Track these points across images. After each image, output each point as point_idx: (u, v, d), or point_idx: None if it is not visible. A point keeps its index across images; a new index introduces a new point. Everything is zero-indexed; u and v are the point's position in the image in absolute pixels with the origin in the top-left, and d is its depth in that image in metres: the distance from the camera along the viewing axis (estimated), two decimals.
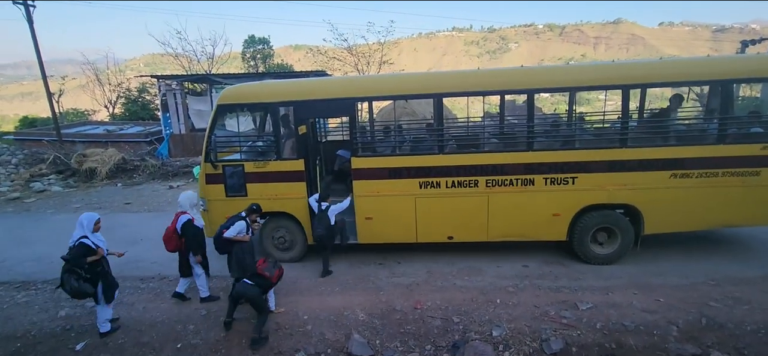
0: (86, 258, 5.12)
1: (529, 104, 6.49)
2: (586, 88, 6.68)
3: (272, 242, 7.32)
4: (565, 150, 6.51)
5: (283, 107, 6.91)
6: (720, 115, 6.20)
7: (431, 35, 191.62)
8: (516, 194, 6.58)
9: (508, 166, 6.51)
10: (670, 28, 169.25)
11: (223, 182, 6.95)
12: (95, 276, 5.25)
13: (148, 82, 28.40)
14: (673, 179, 6.29)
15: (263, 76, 20.32)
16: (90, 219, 5.28)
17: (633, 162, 6.30)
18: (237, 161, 6.97)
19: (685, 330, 4.95)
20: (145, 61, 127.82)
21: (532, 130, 6.52)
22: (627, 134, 6.36)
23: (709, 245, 7.32)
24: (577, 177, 6.45)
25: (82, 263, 5.10)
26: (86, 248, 5.14)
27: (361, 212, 6.91)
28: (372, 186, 6.79)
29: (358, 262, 7.34)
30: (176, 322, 5.74)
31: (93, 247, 5.20)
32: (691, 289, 5.88)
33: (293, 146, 6.94)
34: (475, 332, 5.14)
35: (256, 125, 8.27)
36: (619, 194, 6.45)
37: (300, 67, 33.02)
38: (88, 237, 5.22)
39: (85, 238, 5.18)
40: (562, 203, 6.57)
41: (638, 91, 6.49)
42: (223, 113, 7.17)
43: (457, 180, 6.63)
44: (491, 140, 6.93)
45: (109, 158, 15.81)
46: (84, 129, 22.30)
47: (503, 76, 6.70)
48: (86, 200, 13.07)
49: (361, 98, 7.01)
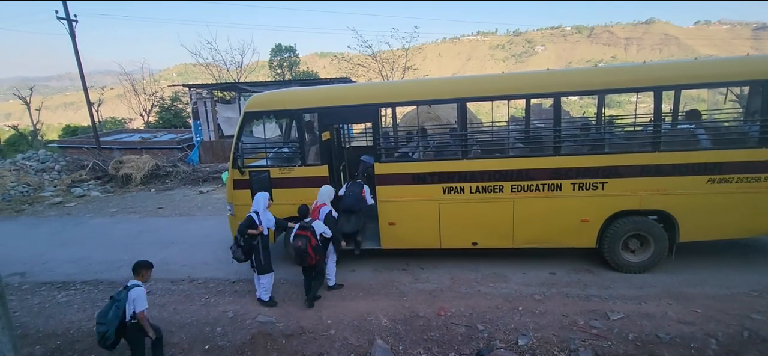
0: (248, 230, 5.78)
1: (556, 108, 6.36)
2: (615, 90, 6.48)
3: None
4: (594, 154, 6.33)
5: (308, 113, 7.02)
6: (762, 117, 5.89)
7: (455, 40, 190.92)
8: (543, 199, 6.44)
9: (534, 171, 6.38)
10: (706, 27, 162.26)
11: (250, 188, 7.08)
12: (250, 249, 5.89)
13: (180, 91, 29.48)
14: (710, 185, 6.01)
15: (289, 83, 20.73)
16: (264, 198, 6.13)
17: (667, 167, 6.06)
18: (263, 166, 7.11)
19: (725, 343, 4.71)
20: (177, 71, 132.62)
21: (559, 134, 6.39)
22: (660, 137, 6.13)
23: (750, 254, 6.95)
24: (607, 182, 6.24)
25: (244, 233, 5.79)
26: (250, 221, 5.86)
27: (385, 218, 6.92)
28: (395, 191, 6.79)
29: (381, 267, 7.34)
30: (205, 324, 5.89)
31: (256, 222, 5.84)
32: (732, 300, 5.58)
33: (317, 151, 7.02)
34: (501, 340, 5.04)
35: (282, 131, 8.41)
36: (652, 199, 6.21)
37: (325, 75, 33.52)
38: (258, 213, 5.93)
39: (255, 213, 5.92)
40: (591, 209, 6.38)
41: (672, 93, 6.23)
42: (250, 120, 7.34)
43: (481, 185, 6.54)
44: (517, 144, 6.82)
45: (143, 165, 16.49)
46: (121, 137, 23.34)
47: (528, 80, 6.60)
48: (122, 204, 13.65)
49: (384, 103, 7.04)
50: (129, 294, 4.61)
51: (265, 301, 6.27)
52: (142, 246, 9.22)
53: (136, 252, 8.65)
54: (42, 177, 17.01)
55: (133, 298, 4.58)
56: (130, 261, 5.10)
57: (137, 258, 5.04)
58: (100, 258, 8.67)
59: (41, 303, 6.90)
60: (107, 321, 4.56)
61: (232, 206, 7.30)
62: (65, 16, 18.60)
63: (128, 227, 10.98)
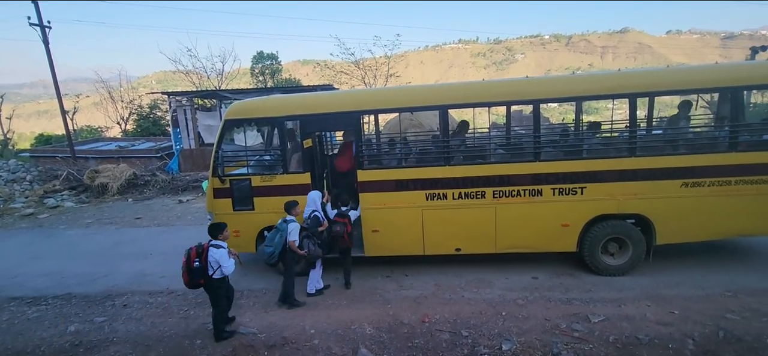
0: (319, 228, 6.33)
1: (536, 114, 6.48)
2: (592, 97, 6.64)
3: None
4: (573, 160, 6.45)
5: (290, 120, 6.98)
6: (731, 122, 6.11)
7: (438, 48, 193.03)
8: (524, 204, 6.53)
9: (515, 177, 6.47)
10: (678, 36, 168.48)
11: (231, 196, 6.99)
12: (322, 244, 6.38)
13: (159, 99, 28.88)
14: (684, 188, 6.20)
15: (271, 91, 20.51)
16: (318, 195, 6.59)
17: (643, 171, 6.23)
18: (244, 175, 7.01)
19: (701, 343, 4.81)
20: (156, 79, 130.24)
21: (539, 140, 6.49)
22: (635, 142, 6.31)
23: (724, 256, 7.16)
24: (585, 187, 6.38)
25: (315, 232, 6.28)
26: (317, 220, 6.36)
27: (368, 225, 6.89)
28: (378, 199, 6.79)
29: (365, 275, 7.29)
30: (184, 338, 5.73)
31: (321, 219, 6.41)
32: (707, 301, 5.74)
33: (300, 159, 6.97)
34: (485, 346, 5.05)
35: (264, 139, 8.32)
36: (630, 204, 6.36)
37: (308, 82, 33.28)
38: (318, 211, 6.42)
39: (317, 211, 6.40)
40: (571, 214, 6.50)
41: (646, 99, 6.41)
42: (231, 128, 7.26)
43: (464, 192, 6.60)
44: (498, 150, 6.90)
45: (120, 174, 16.07)
46: (97, 145, 22.70)
47: (509, 87, 6.71)
48: (98, 215, 13.26)
49: (366, 110, 7.05)
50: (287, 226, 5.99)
51: (312, 293, 6.64)
52: (118, 258, 8.96)
53: (112, 264, 8.43)
54: (12, 188, 16.41)
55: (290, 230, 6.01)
56: (107, 274, 4.98)
57: (113, 271, 4.92)
58: (75, 271, 8.35)
59: (10, 320, 6.62)
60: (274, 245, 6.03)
61: (212, 215, 7.16)
62: (38, 22, 18.07)
63: (104, 239, 10.66)
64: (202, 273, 5.20)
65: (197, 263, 5.14)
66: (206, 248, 5.19)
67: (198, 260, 5.16)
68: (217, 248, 5.20)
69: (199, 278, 5.22)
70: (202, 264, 5.17)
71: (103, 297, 7.14)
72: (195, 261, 5.15)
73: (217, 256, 5.18)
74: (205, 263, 5.17)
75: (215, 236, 5.32)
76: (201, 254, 5.18)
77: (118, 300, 7.00)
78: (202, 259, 5.17)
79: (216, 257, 5.18)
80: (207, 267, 5.18)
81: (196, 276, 5.19)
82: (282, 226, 6.05)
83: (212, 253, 5.17)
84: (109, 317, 6.48)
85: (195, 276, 5.19)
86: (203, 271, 5.19)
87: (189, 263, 5.15)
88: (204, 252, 5.17)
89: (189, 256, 5.16)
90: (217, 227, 5.42)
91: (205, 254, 5.17)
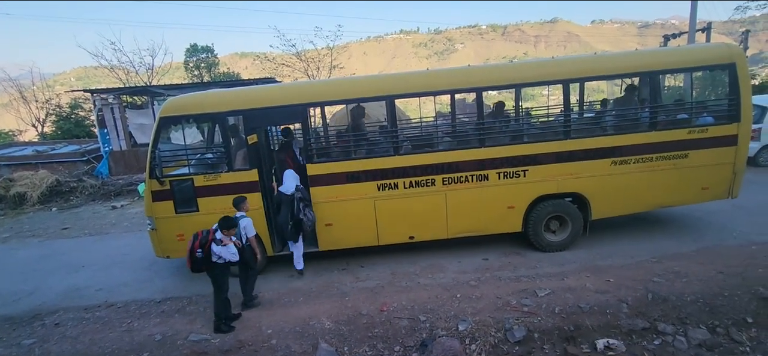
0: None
1: (479, 102, 6.70)
2: (529, 84, 6.93)
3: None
4: (514, 144, 6.74)
5: (232, 116, 6.68)
6: (650, 104, 6.66)
7: (380, 38, 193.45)
8: (472, 190, 6.74)
9: (462, 163, 6.65)
10: (601, 26, 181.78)
11: (172, 198, 6.59)
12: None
13: (80, 98, 26.36)
14: (613, 166, 6.70)
15: (209, 85, 19.47)
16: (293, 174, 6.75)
17: (578, 152, 6.64)
18: (185, 175, 6.64)
19: (634, 306, 5.26)
20: (76, 75, 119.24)
21: (483, 127, 6.71)
22: (570, 126, 6.70)
23: (650, 226, 7.82)
24: (527, 170, 6.70)
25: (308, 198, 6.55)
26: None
27: (321, 219, 6.80)
28: (330, 192, 6.72)
29: (321, 269, 7.21)
30: (129, 351, 5.36)
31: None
32: (637, 267, 6.26)
33: (245, 156, 6.71)
34: (442, 328, 5.19)
35: (204, 137, 7.89)
36: (567, 183, 6.77)
37: (247, 75, 31.97)
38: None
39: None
40: (515, 196, 6.82)
41: (577, 85, 6.84)
42: (167, 126, 6.80)
43: (414, 180, 6.70)
44: (444, 138, 7.04)
45: (40, 181, 14.53)
46: (9, 151, 20.34)
47: (452, 76, 6.83)
48: (16, 228, 11.93)
49: (312, 103, 6.89)
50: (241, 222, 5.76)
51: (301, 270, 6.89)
52: (45, 273, 8.12)
53: (39, 280, 7.64)
54: None
55: (244, 226, 5.83)
56: (33, 291, 4.51)
57: (40, 288, 4.47)
58: None
59: None
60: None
61: (152, 219, 6.73)
62: None
63: (27, 253, 9.61)
64: (204, 261, 5.29)
65: (200, 253, 5.23)
66: (210, 240, 5.25)
67: (201, 250, 5.23)
68: (219, 244, 5.26)
69: (201, 265, 5.34)
70: (204, 254, 5.25)
71: (30, 317, 6.45)
72: (198, 251, 5.23)
73: (219, 251, 5.27)
74: (208, 252, 5.26)
75: (225, 227, 5.33)
76: (204, 245, 5.24)
77: (49, 319, 6.36)
78: (205, 249, 5.24)
79: (218, 252, 5.27)
80: (210, 255, 5.29)
81: (198, 264, 5.32)
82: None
83: (215, 249, 5.25)
84: (40, 338, 5.88)
85: (197, 264, 5.32)
86: (206, 259, 5.29)
87: (192, 251, 5.23)
88: (207, 243, 5.23)
89: (193, 244, 5.24)
90: (228, 221, 5.39)
91: (208, 245, 5.23)
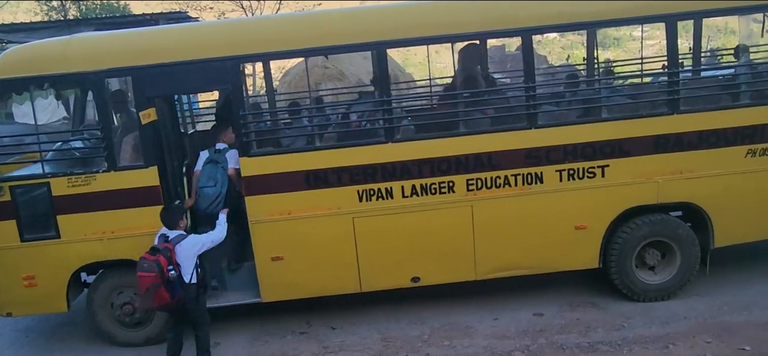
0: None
1: (526, 52, 4.76)
2: (612, 22, 5.03)
3: (112, 314, 4.94)
4: (587, 123, 4.78)
5: (115, 76, 4.80)
6: None
7: None
8: (515, 198, 4.81)
9: (499, 154, 4.70)
10: None
11: (15, 217, 4.58)
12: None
13: None
14: (752, 159, 4.72)
15: (77, 25, 14.39)
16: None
17: (692, 135, 4.64)
18: (37, 176, 4.64)
19: None
20: None
21: (534, 93, 4.70)
22: (678, 90, 4.67)
23: None
24: (608, 165, 4.73)
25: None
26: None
27: (264, 250, 4.75)
28: (279, 203, 4.75)
29: (264, 333, 5.21)
30: None
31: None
32: None
33: (136, 144, 4.74)
34: None
35: (69, 113, 6.06)
36: (674, 187, 4.80)
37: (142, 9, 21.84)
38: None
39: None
40: (588, 209, 4.85)
41: (691, 22, 4.99)
42: (6, 94, 5.05)
43: (418, 183, 4.75)
44: (470, 114, 5.09)
45: None
46: None
47: (484, 9, 4.88)
48: None
49: (249, 55, 4.99)
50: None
51: None
52: None
53: None
54: None
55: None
56: None
57: None
58: None
59: None
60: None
61: None
62: None
63: None
64: (179, 282, 4.37)
65: (172, 271, 4.28)
66: (172, 249, 4.30)
67: (171, 267, 4.31)
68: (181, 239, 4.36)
69: (178, 291, 4.38)
70: (176, 271, 4.37)
71: None
72: (168, 268, 4.26)
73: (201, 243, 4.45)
74: (177, 267, 4.41)
75: (173, 224, 4.45)
76: (170, 260, 4.32)
77: None
78: (173, 263, 4.34)
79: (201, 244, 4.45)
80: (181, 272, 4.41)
81: (176, 290, 4.36)
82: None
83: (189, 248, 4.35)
84: None
85: (175, 290, 4.34)
86: (180, 279, 4.38)
87: (163, 275, 4.22)
88: (171, 254, 4.30)
89: (160, 266, 4.21)
90: (173, 212, 4.52)
91: (172, 255, 4.33)
